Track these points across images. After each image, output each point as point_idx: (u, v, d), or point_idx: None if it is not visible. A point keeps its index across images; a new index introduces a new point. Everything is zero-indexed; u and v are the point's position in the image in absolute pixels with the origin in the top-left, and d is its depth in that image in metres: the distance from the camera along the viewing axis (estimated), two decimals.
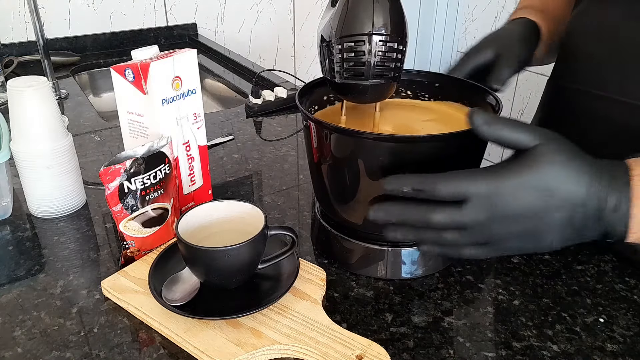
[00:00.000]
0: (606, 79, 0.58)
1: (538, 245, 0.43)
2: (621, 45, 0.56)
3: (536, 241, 0.43)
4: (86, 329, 0.49)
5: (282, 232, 0.51)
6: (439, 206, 0.43)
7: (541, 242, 0.43)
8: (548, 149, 0.41)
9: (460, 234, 0.43)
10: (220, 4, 1.65)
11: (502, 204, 0.41)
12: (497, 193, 0.41)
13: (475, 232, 0.43)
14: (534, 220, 0.42)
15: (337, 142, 0.50)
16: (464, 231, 0.43)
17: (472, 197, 0.41)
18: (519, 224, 0.42)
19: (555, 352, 0.47)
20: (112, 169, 0.52)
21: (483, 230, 0.43)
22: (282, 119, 1.00)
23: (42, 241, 0.62)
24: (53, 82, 1.13)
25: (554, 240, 0.43)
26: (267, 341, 0.46)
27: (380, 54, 0.49)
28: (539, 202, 0.41)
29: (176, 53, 0.59)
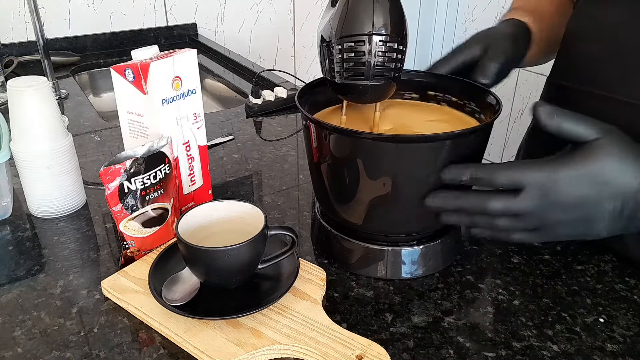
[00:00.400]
0: (605, 78, 0.58)
1: (587, 233, 0.46)
2: (621, 45, 0.56)
3: (586, 229, 0.46)
4: (86, 329, 0.49)
5: (282, 232, 0.51)
6: (495, 194, 0.45)
7: (590, 229, 0.46)
8: (606, 143, 0.43)
9: (513, 220, 0.46)
10: (220, 4, 1.65)
11: (556, 193, 0.43)
12: (553, 182, 0.43)
13: (528, 219, 0.45)
14: (586, 209, 0.44)
15: (337, 142, 0.50)
16: (516, 218, 0.45)
17: (528, 186, 0.44)
18: (572, 212, 0.44)
19: (555, 352, 0.47)
20: (112, 169, 0.52)
21: (536, 217, 0.45)
22: (282, 119, 1.00)
23: (42, 241, 0.62)
24: (53, 82, 1.13)
25: (603, 229, 0.45)
26: (267, 341, 0.46)
27: (380, 54, 0.49)
28: (593, 192, 0.43)
29: (176, 53, 0.59)
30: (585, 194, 0.43)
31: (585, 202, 0.43)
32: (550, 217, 0.45)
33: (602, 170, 0.43)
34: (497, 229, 0.47)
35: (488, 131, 0.51)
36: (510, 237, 0.48)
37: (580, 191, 0.43)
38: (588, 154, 0.43)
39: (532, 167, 0.44)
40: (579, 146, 0.44)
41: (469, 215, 0.48)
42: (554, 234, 0.47)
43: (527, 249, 0.60)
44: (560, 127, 0.44)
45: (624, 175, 0.43)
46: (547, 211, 0.44)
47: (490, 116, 0.53)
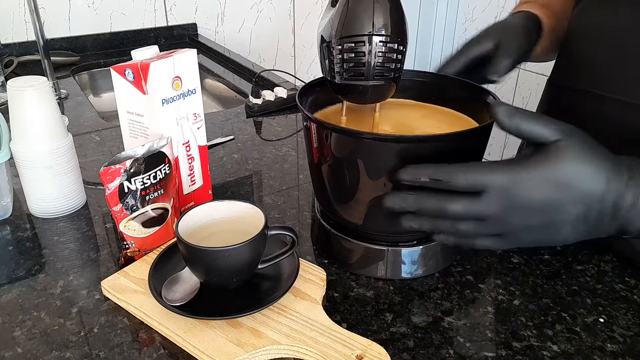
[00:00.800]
0: (606, 78, 0.58)
1: (552, 239, 0.44)
2: (622, 45, 0.56)
3: (551, 235, 0.44)
4: (86, 329, 0.49)
5: (282, 232, 0.51)
6: (455, 196, 0.43)
7: (556, 235, 0.44)
8: (568, 144, 0.41)
9: (476, 224, 0.44)
10: (220, 4, 1.65)
11: (519, 196, 0.42)
12: (515, 185, 0.41)
13: (491, 223, 0.43)
14: (550, 214, 0.42)
15: (337, 142, 0.50)
16: (479, 222, 0.44)
17: (490, 188, 0.42)
18: (535, 217, 0.43)
19: (555, 352, 0.47)
20: (112, 169, 0.52)
21: (498, 222, 0.43)
22: (282, 119, 1.00)
23: (42, 241, 0.62)
24: (53, 82, 1.13)
25: (569, 235, 0.43)
26: (267, 341, 0.46)
27: (380, 54, 0.49)
28: (556, 196, 0.41)
29: (176, 53, 0.59)
30: (548, 198, 0.41)
31: (548, 206, 0.42)
32: (513, 221, 0.43)
33: (564, 173, 0.41)
34: (459, 234, 0.45)
35: (488, 131, 0.51)
36: (474, 242, 0.46)
37: (543, 194, 0.41)
38: (550, 156, 0.41)
39: (493, 169, 0.42)
40: (540, 148, 0.42)
41: (430, 218, 0.46)
42: (518, 240, 0.45)
43: (527, 249, 0.60)
44: (519, 128, 0.42)
45: (587, 179, 0.41)
46: (510, 215, 0.42)
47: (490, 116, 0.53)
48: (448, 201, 0.43)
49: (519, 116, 0.42)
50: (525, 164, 0.42)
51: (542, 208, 0.42)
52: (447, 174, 0.43)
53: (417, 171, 0.44)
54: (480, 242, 0.45)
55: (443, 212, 0.44)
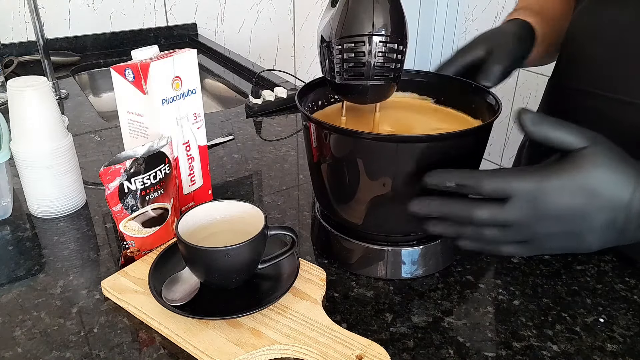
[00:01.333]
0: (607, 78, 0.58)
1: (578, 246, 0.44)
2: (622, 45, 0.56)
3: (576, 242, 0.44)
4: (86, 329, 0.49)
5: (282, 232, 0.51)
6: (481, 202, 0.43)
7: (581, 243, 0.44)
8: (595, 152, 0.41)
9: (501, 231, 0.44)
10: (220, 4, 1.65)
11: (545, 203, 0.42)
12: (541, 192, 0.41)
13: (516, 230, 0.43)
14: (576, 221, 0.42)
15: (337, 142, 0.50)
16: (504, 229, 0.44)
17: (516, 194, 0.42)
18: (561, 224, 0.42)
19: (555, 352, 0.47)
20: (112, 169, 0.52)
21: (524, 229, 0.43)
22: (282, 119, 1.00)
23: (42, 241, 0.62)
24: (53, 82, 1.13)
25: (594, 242, 0.43)
26: (267, 341, 0.46)
27: (380, 54, 0.49)
28: (583, 203, 0.41)
29: (176, 53, 0.59)
30: (575, 205, 0.41)
31: (574, 213, 0.42)
32: (539, 228, 0.43)
33: (592, 180, 0.41)
34: (484, 240, 0.45)
35: (488, 131, 0.51)
36: (499, 249, 0.46)
37: (569, 202, 0.41)
38: (576, 163, 0.41)
39: (520, 176, 0.42)
40: (567, 155, 0.42)
41: (455, 224, 0.46)
42: (543, 247, 0.45)
43: None
44: (547, 136, 0.42)
45: (614, 187, 0.41)
46: (536, 222, 0.42)
47: (490, 116, 0.53)
48: (474, 207, 0.43)
49: (546, 123, 0.43)
50: (552, 171, 0.42)
51: (568, 215, 0.42)
52: (474, 179, 0.43)
53: (443, 176, 0.44)
54: (505, 248, 0.45)
55: (468, 219, 0.44)
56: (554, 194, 0.41)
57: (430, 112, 0.61)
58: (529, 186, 0.42)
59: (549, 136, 0.42)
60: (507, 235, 0.44)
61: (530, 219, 0.42)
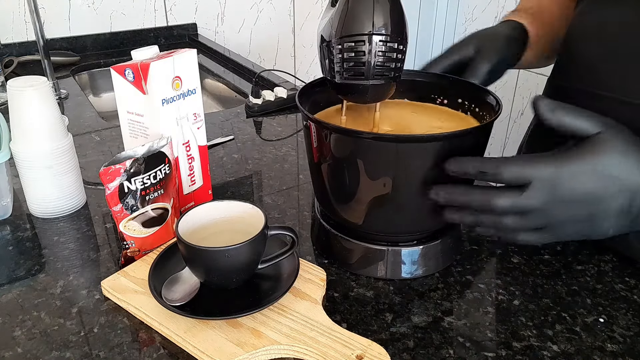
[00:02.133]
0: (606, 78, 0.58)
1: (595, 231, 0.45)
2: (621, 45, 0.56)
3: (593, 227, 0.45)
4: (86, 329, 0.49)
5: (282, 232, 0.51)
6: (501, 190, 0.44)
7: (598, 228, 0.45)
8: (610, 137, 0.42)
9: (519, 218, 0.45)
10: (220, 4, 1.65)
11: (563, 189, 0.43)
12: (559, 177, 0.42)
13: (535, 216, 0.44)
14: (594, 206, 0.43)
15: (337, 142, 0.50)
16: (523, 216, 0.44)
17: (535, 181, 0.43)
18: (578, 209, 0.43)
19: (555, 352, 0.47)
20: (112, 169, 0.52)
21: (542, 215, 0.44)
22: (282, 119, 1.00)
23: (42, 241, 0.62)
24: (53, 82, 1.13)
25: (611, 227, 0.44)
26: (267, 341, 0.46)
27: (380, 54, 0.49)
28: (600, 187, 0.42)
29: (176, 53, 0.59)
30: (593, 189, 0.42)
31: (592, 197, 0.43)
32: (557, 214, 0.44)
33: (609, 164, 0.42)
34: (502, 228, 0.46)
35: (488, 131, 0.51)
36: (516, 237, 0.46)
37: (588, 186, 0.42)
38: (593, 148, 0.42)
39: (539, 162, 0.43)
40: (583, 140, 0.43)
41: (474, 212, 0.46)
42: (560, 233, 0.46)
43: (527, 249, 0.60)
44: (562, 121, 0.43)
45: (630, 170, 0.42)
46: (554, 207, 0.43)
47: (490, 116, 0.53)
48: (494, 195, 0.44)
49: (562, 110, 0.43)
50: (570, 156, 0.43)
51: (585, 199, 0.43)
52: (493, 166, 0.44)
53: (464, 163, 0.45)
54: (522, 236, 0.46)
55: (489, 207, 0.44)
56: (572, 179, 0.42)
57: (430, 112, 0.61)
58: (547, 172, 0.42)
59: (564, 122, 0.43)
60: (525, 222, 0.45)
61: (549, 204, 0.43)
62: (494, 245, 0.61)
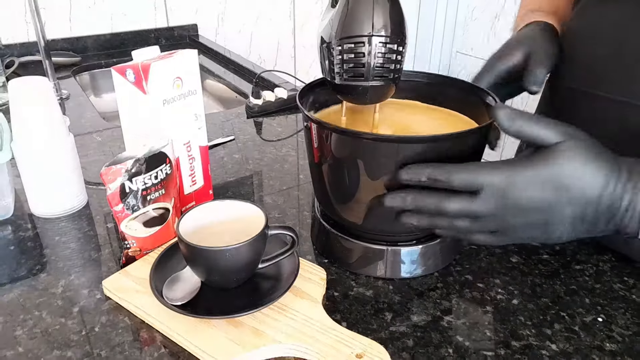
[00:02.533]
0: (606, 78, 0.58)
1: (548, 237, 0.45)
2: (620, 45, 0.56)
3: (547, 233, 0.44)
4: (87, 328, 0.49)
5: (282, 231, 0.51)
6: (453, 195, 0.45)
7: (551, 233, 0.44)
8: (568, 146, 0.42)
9: (472, 222, 0.45)
10: (220, 4, 1.65)
11: (514, 196, 0.43)
12: (511, 185, 0.42)
13: (487, 220, 0.45)
14: (545, 213, 0.43)
15: (337, 142, 0.50)
16: (475, 219, 0.45)
17: (486, 187, 0.43)
18: (530, 216, 0.43)
19: (554, 352, 0.47)
20: (114, 169, 0.52)
21: (494, 220, 0.44)
22: (282, 119, 1.01)
23: (43, 241, 0.63)
24: (54, 83, 1.13)
25: (564, 233, 0.44)
26: (268, 340, 0.46)
27: (380, 55, 0.49)
28: (551, 196, 0.42)
29: (177, 53, 0.59)
30: (543, 198, 0.42)
31: (543, 206, 0.42)
32: (508, 219, 0.44)
33: (561, 174, 0.41)
34: (456, 230, 0.47)
35: (487, 131, 0.51)
36: (471, 238, 0.47)
37: (538, 195, 0.42)
38: (548, 158, 0.42)
39: (490, 169, 0.43)
40: (539, 149, 0.43)
41: (429, 216, 0.47)
42: (514, 237, 0.46)
43: (526, 249, 0.60)
44: (521, 131, 0.43)
45: (584, 181, 0.41)
46: (505, 213, 0.43)
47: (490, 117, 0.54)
48: (445, 200, 0.45)
49: (521, 119, 0.43)
50: (522, 165, 0.43)
51: (536, 207, 0.43)
52: (445, 173, 0.44)
53: (416, 171, 0.46)
54: (478, 237, 0.47)
55: (441, 211, 0.45)
56: (523, 187, 0.42)
57: (430, 112, 0.62)
58: (497, 179, 0.42)
59: (524, 131, 0.43)
60: (478, 225, 0.45)
61: (499, 210, 0.43)
62: (493, 245, 0.61)
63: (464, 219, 0.45)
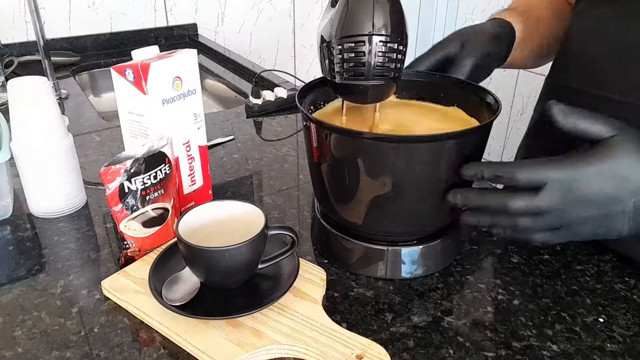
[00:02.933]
0: (604, 78, 0.58)
1: (609, 231, 0.46)
2: (619, 45, 0.56)
3: (609, 227, 0.46)
4: (86, 328, 0.49)
5: (282, 232, 0.51)
6: (516, 193, 0.45)
7: (613, 227, 0.46)
8: (624, 139, 0.44)
9: (534, 219, 0.46)
10: (220, 4, 1.65)
11: (577, 190, 0.44)
12: (574, 179, 0.44)
13: (549, 217, 0.45)
14: (608, 206, 0.44)
15: (337, 142, 0.50)
16: (537, 217, 0.46)
17: (549, 183, 0.44)
18: (593, 209, 0.45)
19: (555, 352, 0.47)
20: (113, 169, 0.52)
21: (557, 216, 0.45)
22: (282, 119, 1.00)
23: (42, 241, 0.62)
24: (53, 82, 1.13)
25: (625, 226, 0.45)
26: (267, 341, 0.46)
27: (380, 54, 0.49)
28: (614, 188, 0.44)
29: (176, 53, 0.59)
30: (606, 190, 0.44)
31: (606, 198, 0.44)
32: (571, 214, 0.45)
33: (621, 166, 0.43)
34: (518, 229, 0.47)
35: (488, 131, 0.51)
36: (532, 237, 0.47)
37: (601, 187, 0.44)
38: (607, 151, 0.44)
39: (553, 165, 0.44)
40: (596, 143, 0.44)
41: (490, 214, 0.47)
42: (575, 233, 0.47)
43: (527, 249, 0.60)
44: (577, 126, 0.45)
45: None
46: (569, 209, 0.45)
47: (490, 116, 0.53)
48: (510, 198, 0.45)
49: (576, 115, 0.45)
50: (584, 159, 0.44)
51: (599, 200, 0.44)
52: (508, 170, 0.45)
53: (480, 167, 0.46)
54: (537, 236, 0.47)
55: (505, 209, 0.46)
56: (586, 181, 0.44)
57: (430, 112, 0.61)
58: (562, 174, 0.44)
59: (579, 126, 0.45)
60: (540, 223, 0.46)
61: (563, 205, 0.44)
62: (494, 245, 0.61)
63: (526, 217, 0.46)
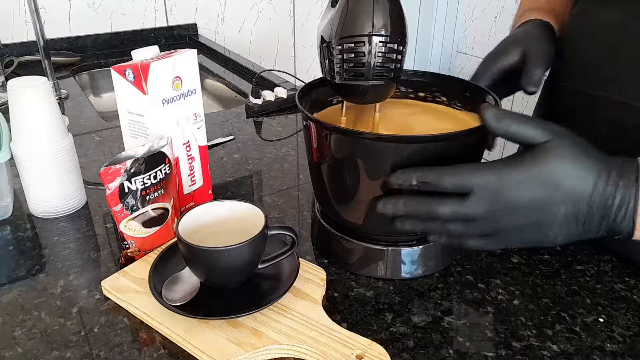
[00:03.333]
0: (604, 78, 0.58)
1: (542, 239, 0.44)
2: (619, 45, 0.56)
3: (540, 235, 0.44)
4: (86, 328, 0.49)
5: (282, 232, 0.51)
6: (444, 198, 0.44)
7: (545, 236, 0.43)
8: (557, 145, 0.41)
9: (465, 225, 0.44)
10: (220, 4, 1.65)
11: (505, 197, 0.42)
12: (501, 185, 0.42)
13: (479, 223, 0.44)
14: (538, 213, 0.42)
15: (337, 142, 0.50)
16: (468, 222, 0.44)
17: (476, 189, 0.42)
18: (523, 217, 0.43)
19: (555, 352, 0.47)
20: (113, 169, 0.52)
21: (487, 222, 0.43)
22: (282, 119, 1.00)
23: (42, 241, 0.62)
24: (53, 82, 1.13)
25: (558, 235, 0.43)
26: (267, 341, 0.46)
27: (380, 54, 0.49)
28: (543, 195, 0.41)
29: (176, 53, 0.59)
30: (535, 197, 0.41)
31: (535, 205, 0.42)
32: (501, 221, 0.43)
33: (552, 172, 0.41)
34: (449, 235, 0.46)
35: (487, 131, 0.51)
36: (464, 242, 0.46)
37: (530, 194, 0.41)
38: (537, 156, 0.41)
39: (480, 170, 0.42)
40: (528, 149, 0.42)
41: (422, 220, 0.46)
42: (507, 240, 0.45)
43: (527, 249, 0.60)
44: (508, 131, 0.42)
45: (575, 179, 0.41)
46: (498, 215, 0.43)
47: None
48: (437, 204, 0.44)
49: (508, 119, 0.42)
50: (512, 164, 0.42)
51: (529, 207, 0.42)
52: (435, 176, 0.43)
53: (406, 175, 0.45)
54: (471, 242, 0.46)
55: (433, 215, 0.44)
56: (514, 187, 0.41)
57: (430, 112, 0.61)
58: (489, 180, 0.42)
59: (511, 131, 0.42)
60: (471, 229, 0.44)
61: (492, 212, 0.43)
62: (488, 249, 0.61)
63: (457, 222, 0.44)
